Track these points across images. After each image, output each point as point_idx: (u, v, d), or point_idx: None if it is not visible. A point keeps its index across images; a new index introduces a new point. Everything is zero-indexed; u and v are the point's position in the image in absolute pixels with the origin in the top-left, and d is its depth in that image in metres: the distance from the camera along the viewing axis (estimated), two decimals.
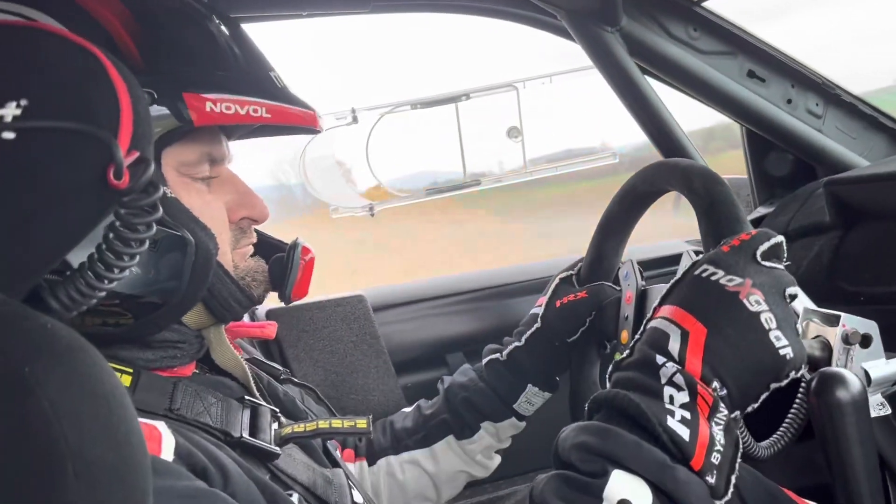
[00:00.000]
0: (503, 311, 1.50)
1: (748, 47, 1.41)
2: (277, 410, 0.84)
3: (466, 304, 1.53)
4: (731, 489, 0.66)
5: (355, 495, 0.88)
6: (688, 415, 0.65)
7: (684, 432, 0.64)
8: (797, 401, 1.05)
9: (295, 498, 0.75)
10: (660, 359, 0.68)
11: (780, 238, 0.73)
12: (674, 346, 0.68)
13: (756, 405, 0.70)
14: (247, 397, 0.81)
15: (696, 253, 0.96)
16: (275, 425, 0.81)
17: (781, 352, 0.68)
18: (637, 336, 0.74)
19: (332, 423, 0.84)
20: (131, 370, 0.72)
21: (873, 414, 0.99)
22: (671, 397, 0.66)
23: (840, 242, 1.34)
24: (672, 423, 0.64)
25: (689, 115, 1.49)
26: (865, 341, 0.97)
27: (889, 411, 1.00)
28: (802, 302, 1.12)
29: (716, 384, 0.66)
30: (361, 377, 1.41)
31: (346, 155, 1.47)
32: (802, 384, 1.05)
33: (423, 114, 1.44)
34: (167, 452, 0.62)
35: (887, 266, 1.18)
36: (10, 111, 0.53)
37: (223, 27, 0.79)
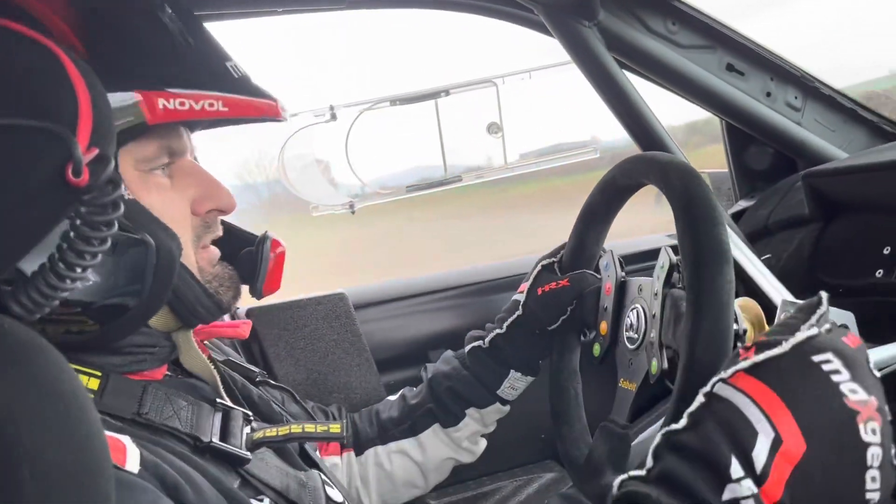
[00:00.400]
0: (485, 307, 1.50)
1: (727, 41, 1.41)
2: (250, 414, 0.83)
3: (448, 301, 1.53)
4: None
5: (333, 494, 0.87)
6: None
7: None
8: None
9: (265, 503, 0.74)
10: (735, 469, 0.53)
11: None
12: (760, 451, 0.53)
13: None
14: (219, 400, 0.80)
15: (673, 249, 0.95)
16: (247, 429, 0.80)
17: (868, 495, 0.54)
18: (702, 401, 0.58)
19: (305, 427, 0.82)
20: (99, 374, 0.71)
21: None
22: None
23: (820, 235, 1.35)
24: None
25: (676, 109, 1.49)
26: None
27: None
28: (780, 292, 1.12)
29: None
30: (343, 375, 1.40)
31: (326, 152, 1.46)
32: None
33: (403, 110, 1.44)
34: (132, 464, 0.60)
35: (865, 258, 1.18)
36: None
37: (174, 14, 0.74)
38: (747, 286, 1.20)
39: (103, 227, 0.57)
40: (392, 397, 1.22)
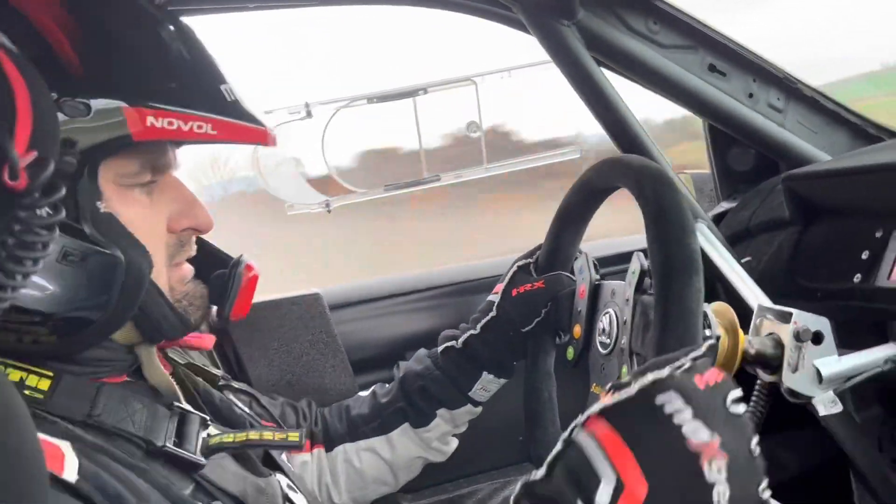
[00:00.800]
0: (462, 308, 1.48)
1: (709, 41, 1.39)
2: (208, 418, 0.82)
3: (425, 302, 1.52)
4: None
5: (296, 499, 0.86)
6: None
7: None
8: (754, 398, 1.05)
9: None
10: None
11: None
12: (602, 497, 0.54)
13: None
14: (176, 404, 0.79)
15: (645, 253, 0.94)
16: (203, 434, 0.79)
17: None
18: (559, 448, 0.59)
19: (263, 434, 0.81)
20: (51, 374, 0.69)
21: (824, 412, 0.99)
22: None
23: (799, 238, 1.33)
24: None
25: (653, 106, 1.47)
26: (817, 338, 0.97)
27: (840, 408, 1.00)
28: (757, 296, 1.11)
29: None
30: (318, 377, 1.39)
31: (301, 151, 1.44)
32: (759, 382, 1.04)
33: (381, 108, 1.42)
34: (70, 473, 0.59)
35: (844, 262, 1.17)
36: None
37: (174, 31, 0.74)
38: (725, 290, 1.20)
39: (43, 232, 0.55)
40: (363, 393, 1.22)
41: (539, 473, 0.59)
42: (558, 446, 0.59)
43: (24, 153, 0.52)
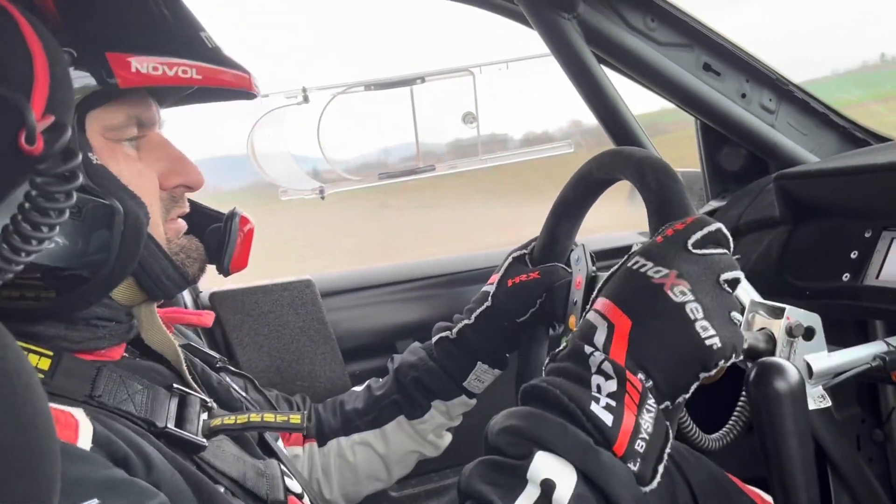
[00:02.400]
0: (454, 298, 1.48)
1: (705, 40, 1.41)
2: (208, 400, 0.81)
3: (417, 292, 1.52)
4: (659, 478, 0.67)
5: (291, 485, 0.86)
6: (613, 402, 0.65)
7: (607, 418, 0.65)
8: (744, 393, 1.06)
9: (221, 491, 0.72)
10: (588, 348, 0.69)
11: (716, 225, 0.73)
12: (599, 337, 0.69)
13: (687, 395, 0.70)
14: (176, 385, 0.78)
15: None
16: (204, 415, 0.78)
17: (708, 342, 0.67)
18: (575, 329, 0.74)
19: (265, 416, 0.80)
20: (51, 353, 0.68)
21: (813, 406, 1.00)
22: (598, 386, 0.66)
23: (789, 237, 1.35)
24: (595, 408, 0.65)
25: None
26: (808, 334, 0.98)
27: (829, 403, 1.01)
28: (748, 293, 1.13)
29: (640, 375, 0.67)
30: (308, 364, 1.38)
31: (297, 136, 1.43)
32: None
33: (378, 96, 1.42)
34: (84, 440, 0.59)
35: (832, 262, 1.19)
36: None
37: None
38: None
39: (60, 198, 0.54)
40: (358, 388, 1.20)
41: (561, 347, 0.73)
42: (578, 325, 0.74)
43: (40, 118, 0.52)
